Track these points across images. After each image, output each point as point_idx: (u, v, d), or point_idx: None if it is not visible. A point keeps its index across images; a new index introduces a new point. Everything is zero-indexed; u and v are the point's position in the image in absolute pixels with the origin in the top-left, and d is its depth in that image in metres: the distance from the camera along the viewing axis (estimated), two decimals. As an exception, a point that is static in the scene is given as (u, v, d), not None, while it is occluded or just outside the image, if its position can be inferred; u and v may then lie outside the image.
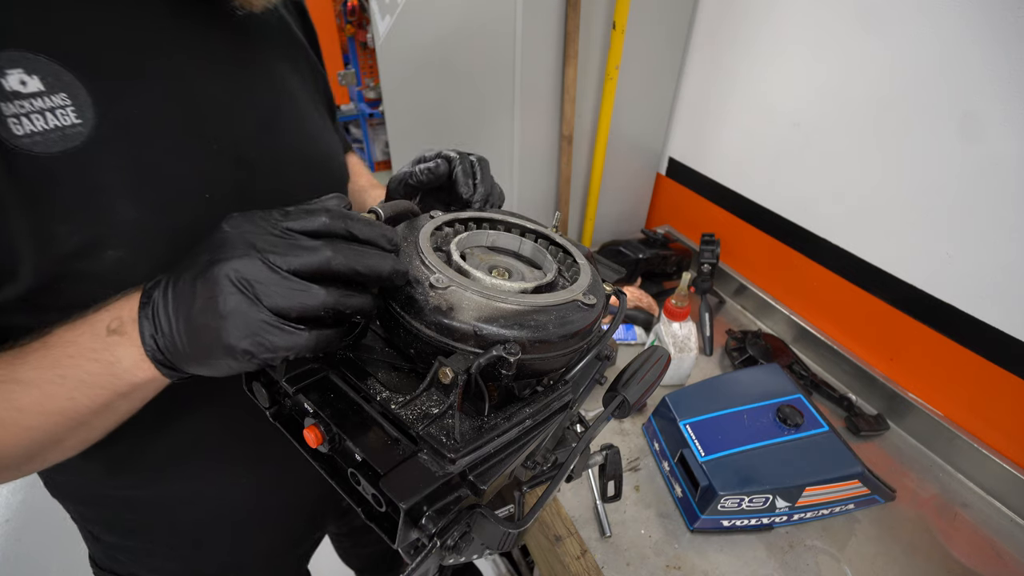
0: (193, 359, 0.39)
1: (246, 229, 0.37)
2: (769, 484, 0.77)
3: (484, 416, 0.40)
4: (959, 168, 0.89)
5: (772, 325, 1.28)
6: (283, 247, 0.36)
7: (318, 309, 0.36)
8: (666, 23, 1.25)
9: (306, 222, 0.38)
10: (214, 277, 0.35)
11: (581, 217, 1.46)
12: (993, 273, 0.88)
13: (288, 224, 0.37)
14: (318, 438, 0.40)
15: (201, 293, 0.36)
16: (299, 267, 0.36)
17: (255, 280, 0.35)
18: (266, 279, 0.35)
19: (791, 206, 1.20)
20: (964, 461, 0.95)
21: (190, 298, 0.37)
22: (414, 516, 0.37)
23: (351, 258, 0.37)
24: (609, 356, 0.51)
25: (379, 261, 0.39)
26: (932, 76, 0.89)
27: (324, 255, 0.36)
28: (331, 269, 0.37)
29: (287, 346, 0.36)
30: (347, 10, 3.01)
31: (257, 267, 0.35)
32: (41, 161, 0.40)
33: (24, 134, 0.39)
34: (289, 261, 0.36)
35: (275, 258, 0.35)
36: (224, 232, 0.37)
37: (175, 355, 0.39)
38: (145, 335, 0.39)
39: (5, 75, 0.38)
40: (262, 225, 0.37)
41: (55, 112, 0.40)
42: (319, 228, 0.38)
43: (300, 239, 0.37)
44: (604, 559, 0.79)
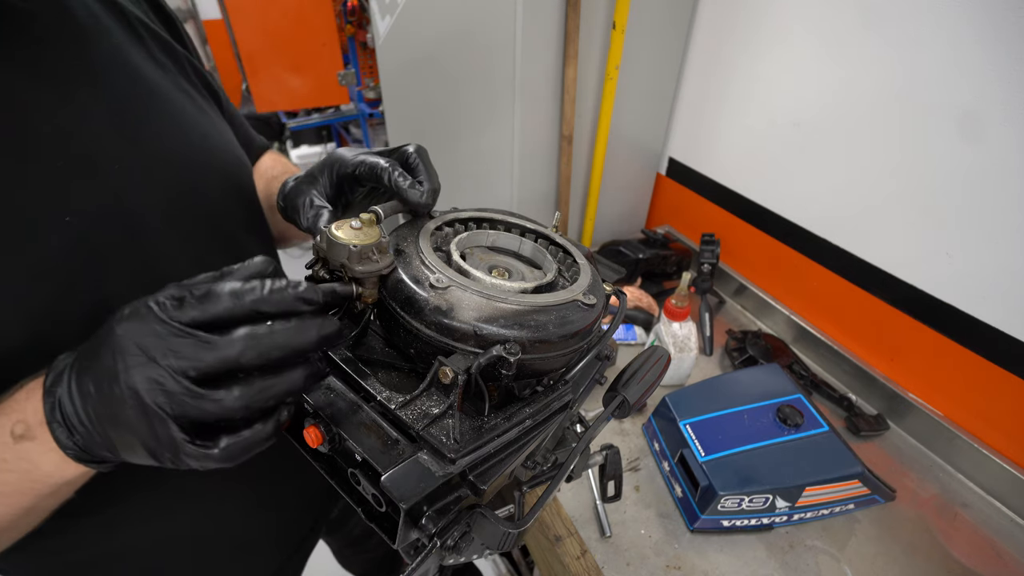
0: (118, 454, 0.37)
1: (140, 331, 0.33)
2: (769, 484, 0.77)
3: (484, 416, 0.40)
4: (960, 168, 0.89)
5: (772, 325, 1.28)
6: (182, 348, 0.32)
7: (233, 414, 0.34)
8: (666, 23, 1.25)
9: (203, 311, 0.33)
10: (120, 390, 0.33)
11: (581, 217, 1.46)
12: (993, 273, 0.88)
13: (183, 317, 0.33)
14: (318, 438, 0.40)
15: (108, 406, 0.34)
16: (204, 370, 0.33)
17: (161, 391, 0.32)
18: (173, 389, 0.32)
19: (791, 206, 1.20)
20: (964, 461, 0.95)
21: (99, 403, 0.35)
22: (414, 516, 0.37)
23: (264, 346, 0.33)
24: (609, 356, 0.51)
25: (299, 338, 0.35)
26: (933, 76, 0.89)
27: (231, 352, 0.33)
28: (242, 365, 0.33)
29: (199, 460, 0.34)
30: (347, 10, 3.01)
31: (162, 377, 0.32)
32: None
33: None
34: (193, 365, 0.32)
35: (176, 363, 0.32)
36: (116, 335, 0.33)
37: (98, 451, 0.37)
38: (62, 439, 0.37)
39: None
40: (155, 325, 0.33)
41: None
42: (220, 316, 0.34)
43: (202, 338, 0.33)
44: (604, 559, 0.79)
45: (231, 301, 0.34)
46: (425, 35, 1.43)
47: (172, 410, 0.33)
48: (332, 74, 2.98)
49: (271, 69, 2.83)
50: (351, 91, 3.28)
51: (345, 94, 3.25)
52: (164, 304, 0.34)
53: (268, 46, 2.75)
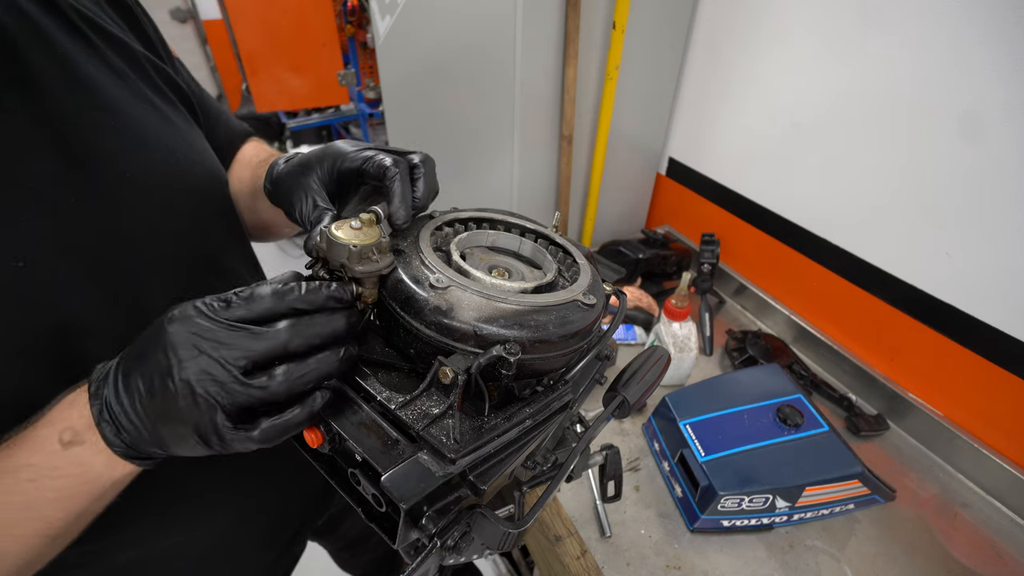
0: (168, 448, 0.39)
1: (190, 328, 0.36)
2: (769, 484, 0.77)
3: (484, 416, 0.40)
4: (960, 168, 0.89)
5: (772, 325, 1.28)
6: (234, 341, 0.36)
7: (278, 398, 0.37)
8: (666, 23, 1.25)
9: (248, 310, 0.37)
10: (174, 383, 0.35)
11: (581, 217, 1.46)
12: (993, 273, 0.88)
13: (231, 315, 0.37)
14: (318, 438, 0.40)
15: (162, 397, 0.36)
16: (255, 358, 0.36)
17: (212, 382, 0.35)
18: (223, 379, 0.35)
19: (791, 206, 1.20)
20: (964, 461, 0.95)
21: (151, 400, 0.37)
22: (414, 516, 0.37)
23: (306, 333, 0.37)
24: (609, 356, 0.51)
25: (333, 325, 0.39)
26: (933, 76, 0.89)
27: (279, 339, 0.36)
28: (289, 352, 0.37)
29: (241, 445, 0.37)
30: (347, 10, 3.00)
31: (213, 368, 0.35)
32: None
33: None
34: (245, 355, 0.36)
35: (227, 353, 0.35)
36: (167, 333, 0.36)
37: (146, 447, 0.39)
38: (111, 437, 0.38)
39: None
40: (205, 323, 0.36)
41: None
42: (264, 314, 0.37)
43: (250, 329, 0.36)
44: (604, 559, 0.79)
45: (273, 300, 0.38)
46: (425, 35, 1.42)
47: (222, 399, 0.35)
48: (332, 74, 2.97)
49: (271, 69, 2.83)
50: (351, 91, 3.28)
51: (345, 94, 3.25)
52: (212, 305, 0.37)
53: (268, 46, 2.75)
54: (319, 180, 0.50)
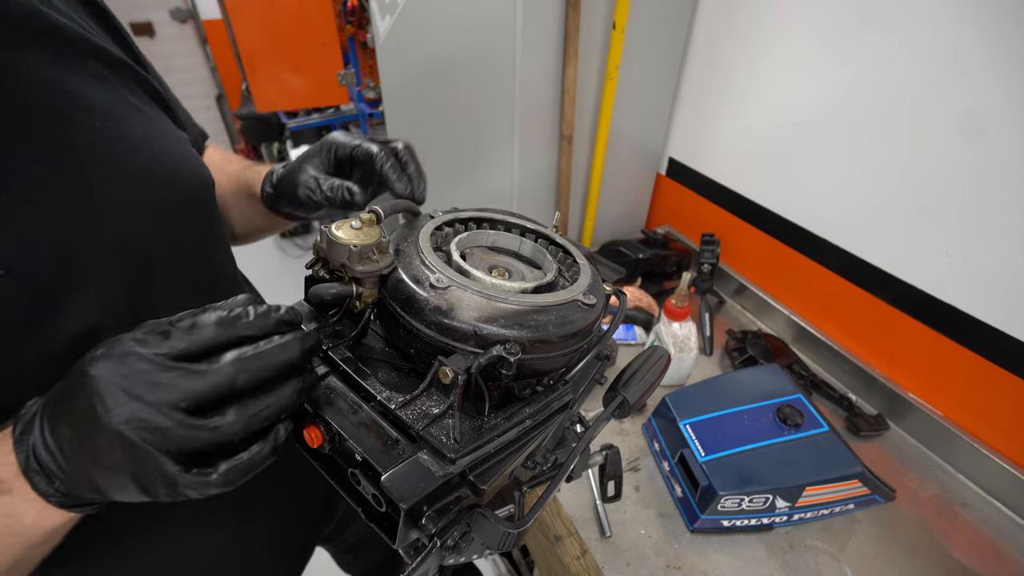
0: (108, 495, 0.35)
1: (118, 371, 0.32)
2: (769, 484, 0.77)
3: (484, 416, 0.40)
4: (960, 168, 0.89)
5: (772, 325, 1.28)
6: (171, 380, 0.32)
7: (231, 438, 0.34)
8: (666, 23, 1.25)
9: (189, 342, 0.33)
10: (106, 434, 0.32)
11: (581, 217, 1.46)
12: (993, 273, 0.88)
13: (168, 350, 0.33)
14: (318, 438, 0.40)
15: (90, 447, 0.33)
16: (198, 400, 0.32)
17: (150, 429, 0.31)
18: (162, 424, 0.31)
19: (791, 206, 1.20)
20: (964, 461, 0.95)
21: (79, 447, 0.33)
22: (414, 516, 0.37)
23: (255, 367, 0.34)
24: (609, 356, 0.51)
25: (286, 354, 0.35)
26: (933, 76, 0.89)
27: (223, 375, 0.33)
28: (236, 388, 0.33)
29: (199, 488, 0.34)
30: (347, 10, 3.00)
31: (149, 414, 0.31)
32: None
33: None
34: (185, 396, 0.32)
35: (165, 396, 0.32)
36: (91, 377, 0.32)
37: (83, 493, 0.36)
38: (42, 487, 0.35)
39: None
40: (137, 362, 0.32)
41: None
42: (208, 345, 0.34)
43: (187, 367, 0.33)
44: (604, 559, 0.79)
45: (217, 330, 0.34)
46: (425, 35, 1.42)
47: (163, 445, 0.32)
48: (332, 74, 2.97)
49: (271, 69, 2.83)
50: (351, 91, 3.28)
51: (345, 94, 3.25)
52: (145, 340, 0.33)
53: (268, 46, 2.75)
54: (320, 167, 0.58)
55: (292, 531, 0.80)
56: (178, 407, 0.32)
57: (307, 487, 0.78)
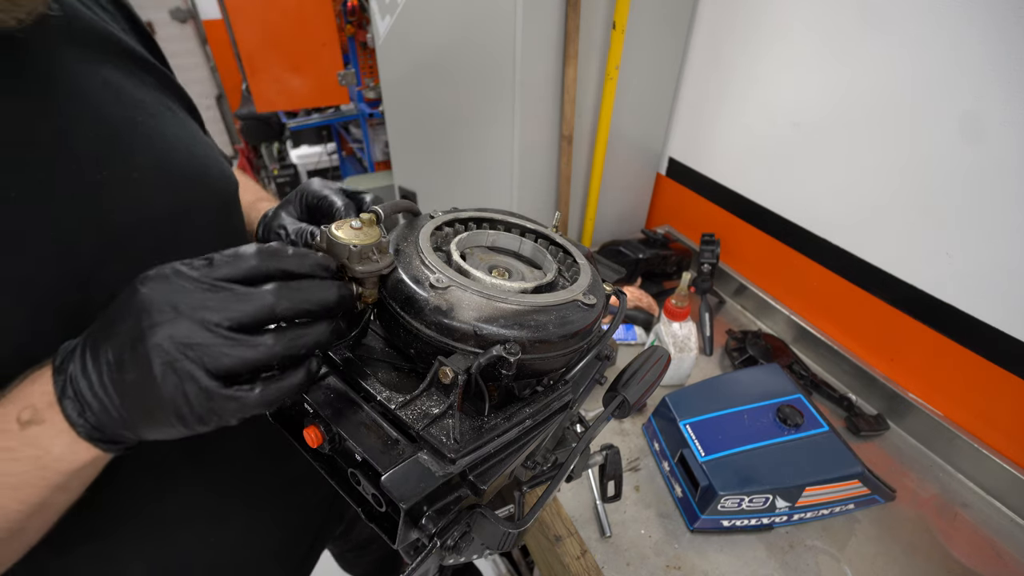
0: (138, 428, 0.36)
1: (167, 289, 0.33)
2: (769, 484, 0.77)
3: (484, 416, 0.40)
4: (960, 168, 0.89)
5: (772, 325, 1.28)
6: (217, 302, 0.33)
7: (268, 360, 0.34)
8: (666, 23, 1.25)
9: (234, 268, 0.34)
10: (146, 349, 0.32)
11: (581, 217, 1.46)
12: (993, 273, 0.88)
13: (215, 274, 0.34)
14: (318, 438, 0.40)
15: (133, 366, 0.33)
16: (241, 320, 0.33)
17: (193, 344, 0.32)
18: (206, 341, 0.32)
19: (791, 206, 1.20)
20: (964, 461, 0.95)
21: (120, 371, 0.34)
22: (414, 516, 0.37)
23: (296, 298, 0.35)
24: (609, 356, 0.51)
25: (325, 293, 0.37)
26: (933, 76, 0.89)
27: (266, 301, 0.34)
28: (276, 315, 0.34)
29: (235, 409, 0.34)
30: (347, 10, 3.00)
31: (192, 330, 0.32)
32: None
33: None
34: (229, 316, 0.33)
35: (210, 315, 0.32)
36: (141, 295, 0.33)
37: (114, 428, 0.36)
38: (73, 416, 0.35)
39: None
40: (184, 282, 0.33)
41: None
42: (251, 272, 0.35)
43: (234, 288, 0.33)
44: (604, 559, 0.79)
45: (259, 259, 0.35)
46: (425, 35, 1.42)
47: (203, 361, 0.32)
48: (332, 74, 2.97)
49: (271, 69, 2.83)
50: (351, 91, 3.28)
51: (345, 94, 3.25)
52: (192, 263, 0.34)
53: (268, 46, 2.75)
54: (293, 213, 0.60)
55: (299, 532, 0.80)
56: (221, 325, 0.32)
57: (314, 484, 0.79)
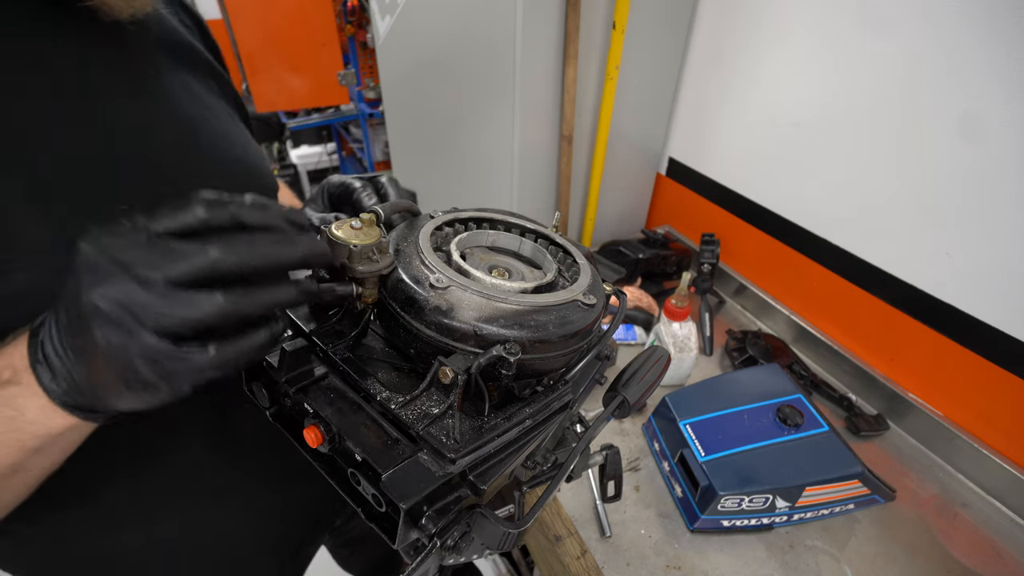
0: (103, 398, 0.35)
1: (106, 244, 0.31)
2: (769, 484, 0.77)
3: (484, 416, 0.40)
4: (959, 168, 0.89)
5: (772, 325, 1.28)
6: (154, 257, 0.30)
7: (213, 319, 0.31)
8: (666, 23, 1.25)
9: (178, 220, 0.31)
10: (83, 308, 0.30)
11: (581, 217, 1.46)
12: (993, 273, 0.88)
13: (156, 227, 0.31)
14: (318, 438, 0.40)
15: (78, 328, 0.32)
16: (178, 277, 0.30)
17: (129, 303, 0.29)
18: (141, 300, 0.29)
19: (791, 206, 1.20)
20: (964, 461, 0.95)
21: (69, 333, 0.33)
22: (414, 516, 0.37)
23: (243, 253, 0.31)
24: (609, 356, 0.51)
25: (281, 249, 0.33)
26: (933, 76, 0.89)
27: (207, 257, 0.30)
28: (219, 271, 0.30)
29: (187, 370, 0.31)
30: (347, 10, 3.01)
31: (128, 288, 0.29)
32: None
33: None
34: (165, 272, 0.30)
35: (146, 272, 0.30)
36: (83, 252, 0.31)
37: (82, 396, 0.35)
38: (45, 381, 0.35)
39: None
40: (124, 236, 0.31)
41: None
42: (196, 224, 0.31)
43: (173, 244, 0.30)
44: (604, 559, 0.79)
45: (208, 209, 0.31)
46: (425, 35, 1.43)
47: (144, 321, 0.30)
48: (332, 74, 2.97)
49: (271, 69, 2.83)
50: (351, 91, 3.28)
51: (345, 94, 3.25)
52: (132, 219, 0.31)
53: (268, 46, 2.75)
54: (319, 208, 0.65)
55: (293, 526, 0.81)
56: (158, 283, 0.30)
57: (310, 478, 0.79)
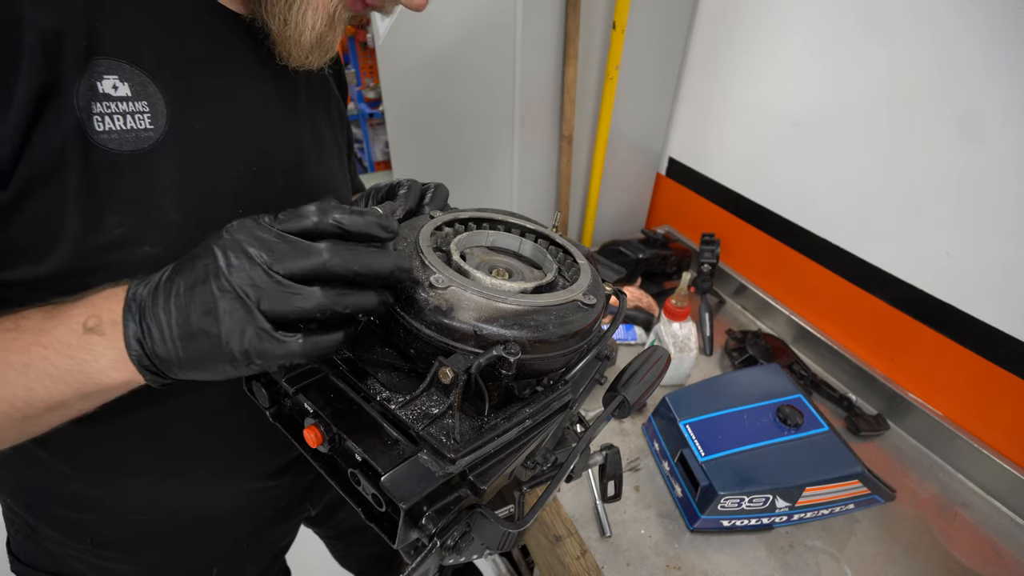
0: (185, 365, 0.38)
1: (243, 236, 0.37)
2: (769, 484, 0.77)
3: (484, 416, 0.40)
4: (959, 168, 0.89)
5: (772, 325, 1.28)
6: (279, 251, 0.36)
7: (314, 311, 0.36)
8: (666, 23, 1.25)
9: (297, 223, 0.38)
10: (218, 284, 0.36)
11: (581, 217, 1.46)
12: (993, 273, 0.88)
13: (281, 227, 0.37)
14: (318, 438, 0.40)
15: (199, 299, 0.36)
16: (295, 270, 0.36)
17: (253, 286, 0.35)
18: (264, 284, 0.35)
19: (791, 206, 1.20)
20: (964, 461, 0.95)
21: (185, 304, 0.37)
22: (414, 516, 0.37)
23: (348, 258, 0.37)
24: (609, 356, 0.51)
25: (378, 260, 0.38)
26: (932, 76, 0.89)
27: (320, 257, 0.36)
28: (328, 271, 0.37)
29: (281, 354, 0.36)
30: (347, 10, 3.00)
31: (256, 273, 0.35)
32: (111, 156, 0.45)
33: (104, 131, 0.45)
34: (286, 265, 0.36)
35: (272, 262, 0.36)
36: (223, 238, 0.37)
37: (164, 360, 0.38)
38: (130, 338, 0.38)
39: (102, 79, 0.44)
40: (257, 231, 0.37)
41: (134, 116, 0.46)
42: (309, 227, 0.38)
43: (296, 241, 0.37)
44: (604, 559, 0.79)
45: (318, 216, 0.38)
46: (425, 35, 1.43)
47: (263, 304, 0.35)
48: (332, 74, 2.97)
49: (271, 69, 2.82)
50: (351, 91, 3.28)
51: (345, 94, 3.24)
52: (262, 217, 0.38)
53: (268, 46, 2.75)
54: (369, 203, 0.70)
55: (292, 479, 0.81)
56: (279, 273, 0.36)
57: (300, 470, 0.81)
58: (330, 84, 0.72)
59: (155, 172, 0.48)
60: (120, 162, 0.46)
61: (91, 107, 0.44)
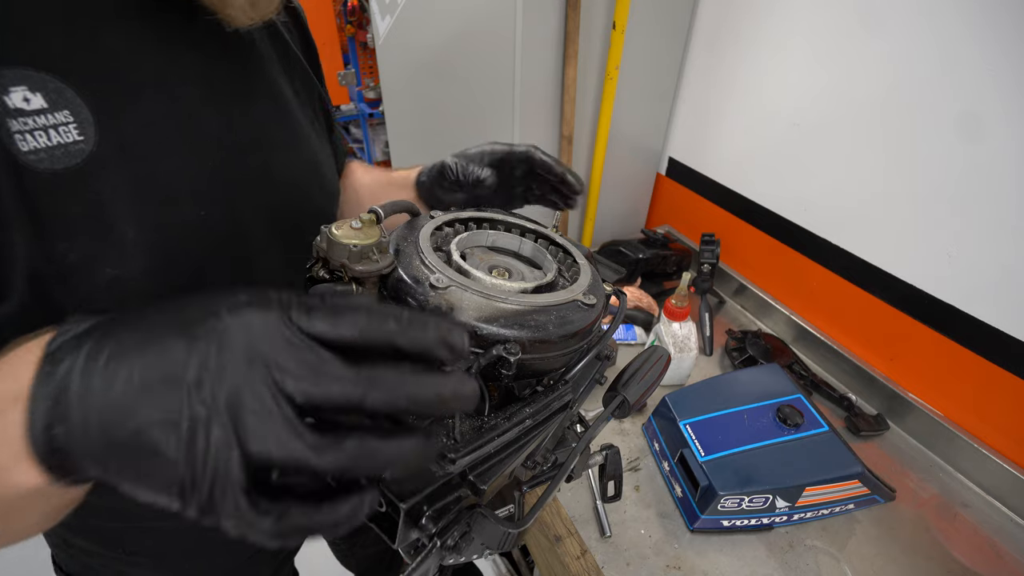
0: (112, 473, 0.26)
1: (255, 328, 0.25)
2: (769, 484, 0.77)
3: (484, 416, 0.40)
4: (959, 168, 0.89)
5: (772, 325, 1.28)
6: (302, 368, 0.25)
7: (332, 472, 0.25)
8: (666, 23, 1.25)
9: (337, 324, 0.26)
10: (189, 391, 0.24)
11: (581, 217, 1.46)
12: (993, 273, 0.88)
13: (312, 327, 0.26)
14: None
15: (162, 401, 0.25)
16: (320, 400, 0.25)
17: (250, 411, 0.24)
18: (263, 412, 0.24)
19: (791, 206, 1.20)
20: (964, 461, 0.95)
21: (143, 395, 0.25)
22: (414, 516, 0.37)
23: (393, 393, 0.26)
24: (609, 356, 0.51)
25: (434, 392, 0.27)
26: (932, 76, 0.89)
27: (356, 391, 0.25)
28: (364, 407, 0.25)
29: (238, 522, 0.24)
30: (347, 10, 3.01)
31: (259, 392, 0.24)
32: (44, 177, 0.40)
33: (29, 150, 0.39)
34: (306, 390, 0.24)
35: (288, 382, 0.24)
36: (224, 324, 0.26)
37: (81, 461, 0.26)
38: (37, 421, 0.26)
39: (8, 92, 0.38)
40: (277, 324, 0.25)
41: (58, 129, 0.40)
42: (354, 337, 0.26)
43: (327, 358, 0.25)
44: (604, 559, 0.79)
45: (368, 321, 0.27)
46: (425, 35, 1.43)
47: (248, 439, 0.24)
48: (332, 74, 2.98)
49: (271, 69, 2.83)
50: (351, 91, 3.28)
51: (345, 94, 3.25)
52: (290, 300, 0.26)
53: (268, 46, 2.75)
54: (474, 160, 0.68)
55: None
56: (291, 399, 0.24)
57: None
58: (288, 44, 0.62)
59: (98, 187, 0.42)
60: (55, 182, 0.40)
61: (8, 125, 0.38)
